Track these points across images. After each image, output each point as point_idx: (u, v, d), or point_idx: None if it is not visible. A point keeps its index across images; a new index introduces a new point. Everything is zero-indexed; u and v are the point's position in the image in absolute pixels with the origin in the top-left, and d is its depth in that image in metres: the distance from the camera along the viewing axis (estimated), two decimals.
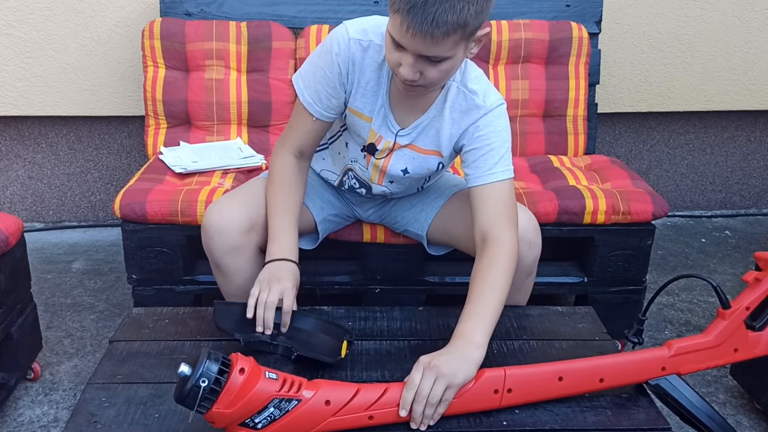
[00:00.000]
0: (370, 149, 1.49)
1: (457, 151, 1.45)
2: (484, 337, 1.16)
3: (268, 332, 1.26)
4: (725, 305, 1.16)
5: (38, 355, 1.90)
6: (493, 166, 1.36)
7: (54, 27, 2.50)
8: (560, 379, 1.11)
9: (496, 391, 1.09)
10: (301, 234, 1.66)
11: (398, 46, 1.20)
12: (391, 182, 1.55)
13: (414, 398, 1.06)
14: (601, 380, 1.13)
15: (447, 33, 1.14)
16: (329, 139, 1.59)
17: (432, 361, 1.09)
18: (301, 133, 1.45)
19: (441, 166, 1.50)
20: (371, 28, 1.35)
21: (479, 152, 1.37)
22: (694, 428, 1.17)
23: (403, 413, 1.05)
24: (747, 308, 1.17)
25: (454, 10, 1.12)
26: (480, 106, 1.37)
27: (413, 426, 1.06)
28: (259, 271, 1.54)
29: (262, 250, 1.50)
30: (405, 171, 1.50)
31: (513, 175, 1.39)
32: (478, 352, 1.13)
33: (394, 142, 1.46)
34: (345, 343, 1.22)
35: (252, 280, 1.43)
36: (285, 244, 1.38)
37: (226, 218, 1.46)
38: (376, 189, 1.59)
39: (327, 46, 1.37)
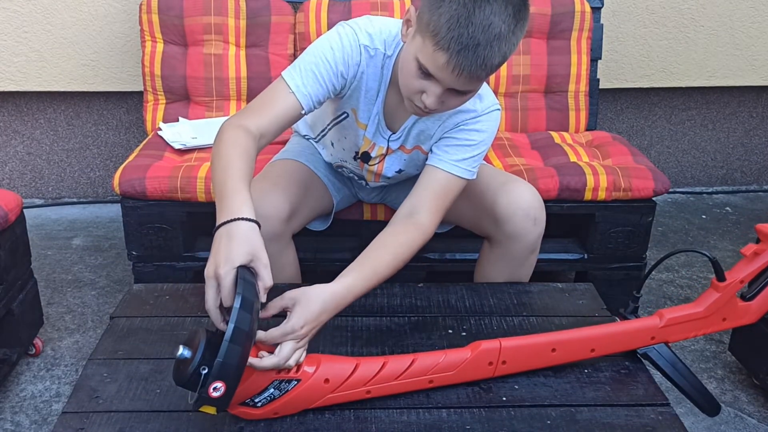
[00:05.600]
0: (365, 157, 1.49)
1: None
2: (358, 290, 1.14)
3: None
4: (720, 278, 1.17)
5: (39, 331, 1.91)
6: (461, 160, 1.35)
7: (51, 1, 2.47)
8: (553, 350, 1.13)
9: (490, 363, 1.10)
10: (319, 215, 1.66)
11: (427, 75, 1.16)
12: (388, 177, 1.56)
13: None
14: (593, 350, 1.15)
15: (490, 72, 1.14)
16: (320, 133, 1.57)
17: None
18: (273, 119, 1.25)
19: None
20: (376, 35, 1.31)
21: (455, 141, 1.35)
22: (682, 393, 1.18)
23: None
24: (741, 281, 1.18)
25: (500, 53, 1.11)
26: (470, 110, 1.35)
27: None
28: (291, 256, 1.54)
29: (295, 234, 1.51)
30: (399, 171, 1.52)
31: (473, 178, 1.37)
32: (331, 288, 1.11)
33: (387, 147, 1.45)
34: (211, 409, 0.94)
35: (284, 265, 1.43)
36: (240, 204, 1.05)
37: (269, 205, 1.40)
38: (373, 184, 1.61)
39: (336, 42, 1.29)
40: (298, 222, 1.53)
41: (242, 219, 1.02)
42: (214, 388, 0.89)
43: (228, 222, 1.02)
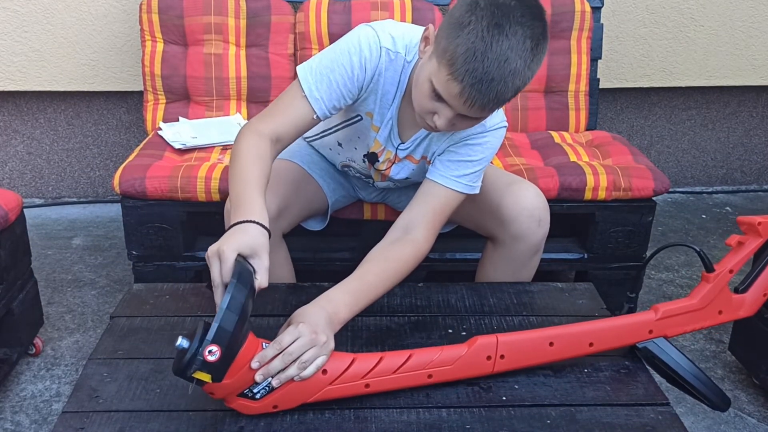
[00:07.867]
0: (371, 158, 1.48)
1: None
2: (347, 315, 1.14)
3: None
4: (709, 269, 1.18)
5: (40, 331, 1.91)
6: (462, 176, 1.35)
7: (51, 1, 2.47)
8: (551, 344, 1.13)
9: (489, 358, 1.10)
10: (313, 216, 1.66)
11: (440, 98, 1.16)
12: (395, 180, 1.55)
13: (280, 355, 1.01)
14: (591, 344, 1.15)
15: (502, 105, 1.16)
16: (320, 133, 1.56)
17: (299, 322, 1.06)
18: (288, 123, 1.29)
19: None
20: (399, 38, 1.30)
21: (458, 157, 1.36)
22: (682, 390, 1.18)
23: (254, 365, 0.99)
24: (730, 271, 1.19)
25: (514, 87, 1.12)
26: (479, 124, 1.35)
27: (275, 383, 1.00)
28: (283, 256, 1.53)
29: (296, 235, 1.51)
30: (406, 178, 1.52)
31: (474, 192, 1.38)
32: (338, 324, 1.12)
33: (395, 155, 1.46)
34: (205, 376, 0.94)
35: (275, 265, 1.43)
36: (257, 210, 1.11)
37: None
38: (380, 184, 1.61)
39: (354, 46, 1.28)
40: (288, 221, 1.53)
41: (257, 223, 1.08)
42: (209, 351, 0.92)
43: (243, 222, 1.08)
